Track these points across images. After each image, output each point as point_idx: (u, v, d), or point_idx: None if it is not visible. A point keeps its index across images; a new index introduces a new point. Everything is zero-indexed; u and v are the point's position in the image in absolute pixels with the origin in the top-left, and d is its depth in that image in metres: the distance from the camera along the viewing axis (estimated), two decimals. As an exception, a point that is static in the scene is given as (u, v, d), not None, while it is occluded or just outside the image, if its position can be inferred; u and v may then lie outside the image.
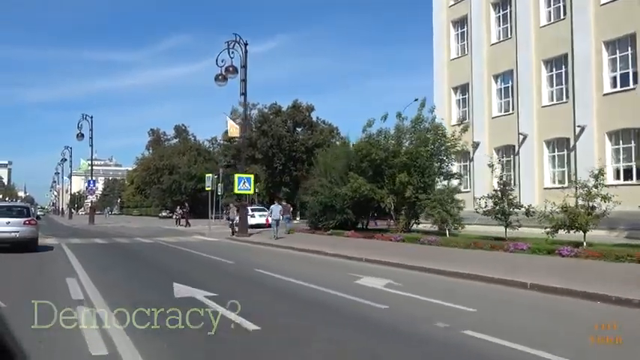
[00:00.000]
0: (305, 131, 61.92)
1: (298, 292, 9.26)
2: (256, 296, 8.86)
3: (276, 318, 7.15)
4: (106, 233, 30.13)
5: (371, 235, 21.38)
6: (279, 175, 59.91)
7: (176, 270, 12.52)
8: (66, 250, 17.41)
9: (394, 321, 6.89)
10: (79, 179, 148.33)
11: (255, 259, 15.27)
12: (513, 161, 26.64)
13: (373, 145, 22.45)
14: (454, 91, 30.60)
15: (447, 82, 30.76)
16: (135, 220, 55.69)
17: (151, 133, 76.57)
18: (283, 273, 11.52)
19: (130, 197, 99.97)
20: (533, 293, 8.91)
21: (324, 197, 25.11)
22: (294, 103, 62.25)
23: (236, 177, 24.47)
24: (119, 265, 13.77)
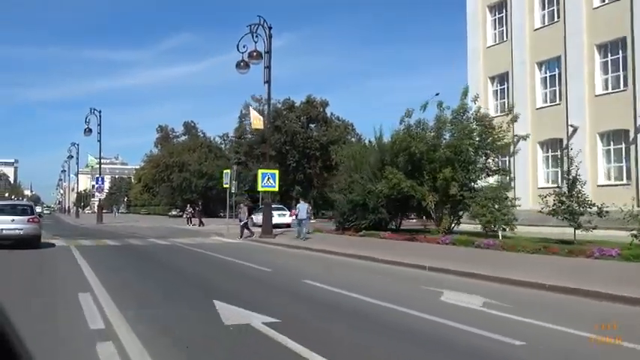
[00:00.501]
0: (319, 127, 59.82)
1: (380, 317, 7.15)
2: (329, 323, 6.78)
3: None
4: (117, 234, 28.14)
5: (411, 237, 19.25)
6: (292, 172, 57.82)
7: (210, 281, 10.45)
8: (75, 254, 15.38)
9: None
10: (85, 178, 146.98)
11: (295, 265, 13.21)
12: (561, 155, 24.42)
13: (413, 138, 20.30)
14: (491, 81, 28.41)
15: (482, 71, 28.56)
16: (144, 219, 53.73)
17: (160, 130, 74.70)
18: (341, 286, 9.44)
19: (138, 196, 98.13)
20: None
21: (355, 195, 22.96)
22: (308, 98, 60.21)
23: (259, 172, 22.38)
24: (140, 273, 11.69)
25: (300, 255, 16.20)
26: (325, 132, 58.83)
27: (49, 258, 14.68)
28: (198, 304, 7.76)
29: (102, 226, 38.81)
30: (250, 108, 24.12)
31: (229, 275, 11.48)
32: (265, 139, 56.97)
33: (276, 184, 22.55)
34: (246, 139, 60.52)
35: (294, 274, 11.47)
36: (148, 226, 37.96)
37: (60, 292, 8.78)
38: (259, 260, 13.89)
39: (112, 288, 8.94)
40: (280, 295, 8.99)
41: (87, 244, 20.13)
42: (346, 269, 12.59)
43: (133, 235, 26.10)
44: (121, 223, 42.15)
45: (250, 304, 7.49)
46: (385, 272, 11.97)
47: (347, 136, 61.68)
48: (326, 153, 58.93)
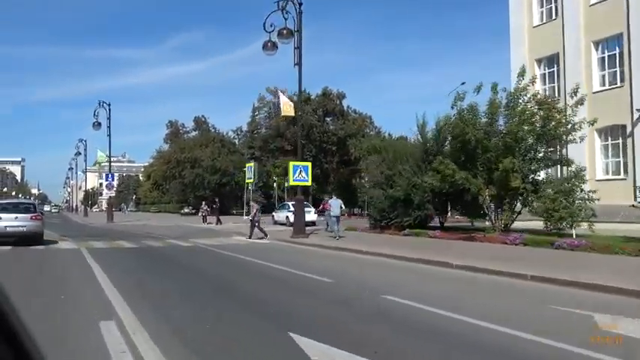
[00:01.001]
0: (335, 121, 57.47)
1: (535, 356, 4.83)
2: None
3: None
4: (131, 234, 25.95)
5: (468, 236, 16.92)
6: (309, 167, 55.73)
7: (268, 301, 8.12)
8: (88, 260, 13.12)
9: None
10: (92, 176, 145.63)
11: (356, 274, 10.89)
12: (624, 143, 21.98)
13: (467, 124, 17.91)
14: (538, 64, 25.93)
15: (528, 53, 26.09)
16: (155, 217, 51.62)
17: (169, 126, 72.59)
18: (436, 304, 7.22)
19: (147, 193, 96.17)
20: None
21: (396, 190, 20.62)
22: (324, 90, 57.85)
23: (291, 165, 20.08)
24: (169, 286, 9.40)
25: (349, 259, 13.86)
26: (342, 125, 56.46)
27: (57, 266, 12.44)
28: (274, 340, 5.46)
29: (112, 225, 36.69)
30: (280, 93, 21.35)
31: (287, 289, 9.16)
32: (281, 133, 54.95)
33: (309, 178, 20.24)
34: (260, 133, 58.30)
35: (362, 285, 9.16)
36: (161, 224, 35.77)
37: (75, 320, 6.50)
38: (309, 267, 11.61)
39: (140, 311, 6.65)
40: (367, 320, 6.66)
41: (99, 246, 17.93)
42: (421, 278, 10.26)
43: (149, 236, 23.90)
44: (132, 222, 40.02)
45: (340, 339, 5.24)
46: (473, 282, 9.63)
47: (365, 129, 59.38)
48: (343, 147, 56.63)
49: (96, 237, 23.18)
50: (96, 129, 38.77)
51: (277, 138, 54.25)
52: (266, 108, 56.68)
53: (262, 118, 57.27)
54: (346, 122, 57.41)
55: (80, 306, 7.30)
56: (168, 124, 72.65)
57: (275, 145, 54.13)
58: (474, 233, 17.40)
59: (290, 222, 31.17)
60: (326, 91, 57.87)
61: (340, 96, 58.20)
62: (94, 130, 38.70)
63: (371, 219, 23.34)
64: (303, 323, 6.10)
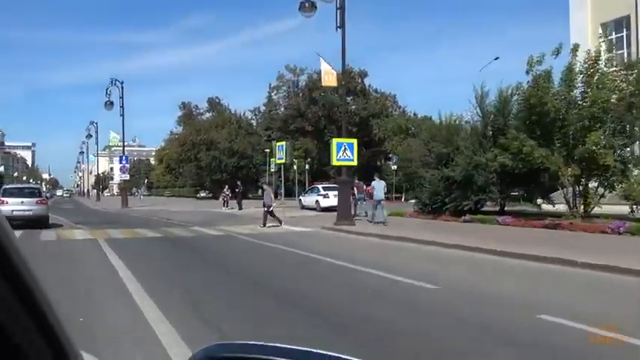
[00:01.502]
0: (357, 100, 54.56)
1: None
2: None
3: None
4: (150, 220, 23.70)
5: (548, 223, 14.37)
6: (328, 149, 52.97)
7: (359, 318, 5.67)
8: (110, 257, 10.70)
9: None
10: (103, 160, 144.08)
11: (459, 276, 8.40)
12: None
13: (546, 92, 15.24)
14: (603, 29, 23.03)
15: (591, 17, 23.23)
16: (171, 202, 49.37)
17: (182, 107, 70.03)
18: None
19: (160, 177, 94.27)
20: None
21: (450, 170, 18.08)
22: (345, 68, 54.88)
23: (334, 143, 17.56)
24: (229, 302, 6.95)
25: (423, 252, 11.35)
26: (365, 105, 53.61)
27: (72, 267, 10.08)
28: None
29: (128, 210, 34.51)
30: (322, 60, 18.42)
31: (380, 301, 6.69)
32: (302, 113, 52.31)
33: (355, 157, 17.71)
34: (278, 113, 55.63)
35: (487, 296, 6.71)
36: (179, 210, 33.53)
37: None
38: (387, 265, 9.16)
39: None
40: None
41: (118, 235, 15.60)
42: (562, 284, 7.71)
43: (171, 223, 21.59)
44: (147, 207, 37.81)
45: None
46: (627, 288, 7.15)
47: (389, 108, 56.56)
48: (366, 128, 53.86)
49: (112, 224, 20.93)
50: (108, 109, 36.41)
51: (297, 118, 51.59)
52: (285, 87, 53.94)
53: (281, 97, 54.57)
54: (368, 102, 54.56)
55: (95, 303, 4.93)
56: (181, 105, 70.11)
57: (295, 126, 51.47)
58: (550, 219, 14.86)
59: (321, 206, 28.83)
60: (347, 68, 54.86)
61: (362, 74, 55.27)
62: (106, 109, 36.37)
63: (418, 203, 20.81)
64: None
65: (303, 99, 51.88)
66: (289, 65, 53.27)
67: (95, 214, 30.95)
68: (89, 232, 16.96)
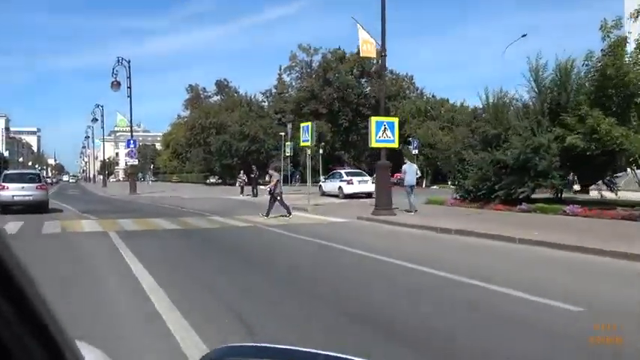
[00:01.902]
0: (372, 82, 52.25)
1: None
2: None
3: None
4: (162, 208, 21.83)
5: (627, 214, 12.35)
6: (344, 133, 50.72)
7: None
8: (127, 258, 8.71)
9: None
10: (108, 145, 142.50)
11: (586, 289, 6.41)
12: None
13: (622, 61, 13.12)
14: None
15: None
16: (180, 188, 47.51)
17: (189, 90, 67.93)
18: None
19: (166, 162, 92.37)
20: None
21: (502, 153, 16.04)
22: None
23: (373, 121, 15.47)
24: (295, 317, 5.00)
25: (508, 252, 9.34)
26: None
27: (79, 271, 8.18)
28: None
29: (136, 197, 32.62)
30: (359, 27, 16.19)
31: (496, 326, 4.72)
32: (315, 95, 50.07)
33: (396, 137, 15.66)
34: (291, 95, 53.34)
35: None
36: (192, 196, 31.64)
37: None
38: (470, 269, 7.22)
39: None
40: None
41: (131, 227, 13.69)
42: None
43: (186, 211, 19.71)
44: (157, 193, 35.92)
45: None
46: None
47: (406, 90, 54.28)
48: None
49: (122, 213, 19.06)
50: (115, 89, 34.33)
51: (311, 100, 49.40)
52: (298, 67, 51.65)
53: (294, 78, 52.35)
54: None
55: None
56: (189, 88, 67.99)
57: (308, 109, 49.27)
58: (621, 209, 12.86)
59: (344, 193, 26.88)
60: (362, 48, 52.66)
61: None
62: (113, 90, 34.29)
63: (460, 189, 18.78)
64: None
65: (317, 80, 49.63)
66: (302, 45, 50.99)
67: (102, 201, 29.10)
68: (98, 222, 15.07)
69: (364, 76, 52.68)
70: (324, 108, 48.84)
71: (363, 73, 52.19)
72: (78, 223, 14.99)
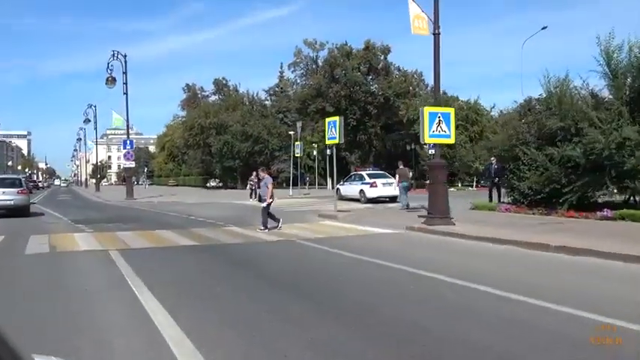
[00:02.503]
0: (380, 79, 49.78)
1: None
2: None
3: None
4: (167, 215, 19.38)
5: None
6: (352, 132, 48.05)
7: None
8: (143, 300, 6.08)
9: None
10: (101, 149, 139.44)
11: None
12: None
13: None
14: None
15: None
16: (179, 192, 44.86)
17: (187, 89, 65.24)
18: None
19: (162, 165, 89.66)
20: None
21: (571, 149, 13.58)
22: (367, 43, 50.08)
23: (426, 112, 12.87)
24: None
25: (632, 274, 6.90)
26: (389, 83, 48.83)
27: (69, 312, 5.60)
28: None
29: (133, 202, 30.03)
30: (410, 0, 13.43)
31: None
32: (322, 93, 47.53)
33: (452, 132, 13.13)
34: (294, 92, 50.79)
35: None
36: (197, 201, 29.13)
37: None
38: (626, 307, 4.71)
39: None
40: None
41: (137, 243, 11.16)
42: None
43: (196, 220, 17.17)
44: (156, 198, 33.30)
45: None
46: None
47: (415, 88, 51.83)
48: (388, 109, 49.16)
49: (121, 222, 16.58)
50: (110, 86, 31.71)
51: (317, 98, 46.87)
52: (303, 64, 49.08)
53: (298, 75, 49.75)
54: (392, 81, 49.81)
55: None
56: (185, 87, 65.31)
57: (314, 107, 46.74)
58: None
59: (366, 197, 24.40)
60: (369, 44, 50.06)
61: (385, 50, 50.40)
62: (107, 86, 31.68)
63: (514, 193, 16.30)
64: None
65: (324, 76, 47.10)
66: (308, 39, 48.42)
67: (97, 208, 26.44)
68: (94, 236, 12.49)
69: (371, 73, 50.22)
70: (331, 106, 46.29)
71: (370, 70, 49.72)
72: (70, 237, 12.41)
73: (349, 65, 46.89)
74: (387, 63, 50.57)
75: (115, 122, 32.98)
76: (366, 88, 48.30)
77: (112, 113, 33.06)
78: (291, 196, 32.45)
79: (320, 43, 48.38)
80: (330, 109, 46.23)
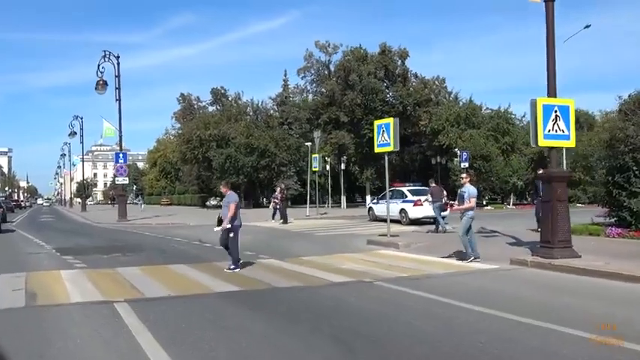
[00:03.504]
0: (397, 86, 46.97)
1: None
2: None
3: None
4: (178, 245, 16.37)
5: None
6: (367, 144, 45.15)
7: None
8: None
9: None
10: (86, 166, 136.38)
11: None
12: None
13: None
14: None
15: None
16: (176, 212, 41.66)
17: (182, 100, 62.28)
18: None
19: (153, 183, 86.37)
20: None
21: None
22: (383, 47, 47.41)
23: (539, 104, 9.88)
24: None
25: None
26: (408, 91, 46.05)
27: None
28: None
29: (127, 224, 26.96)
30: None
31: None
32: (335, 100, 44.75)
33: (572, 134, 10.17)
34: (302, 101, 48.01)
35: None
36: (199, 223, 26.12)
37: None
38: None
39: None
40: None
41: (152, 289, 8.27)
42: None
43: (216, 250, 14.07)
44: (152, 219, 30.20)
45: None
46: None
47: (438, 95, 49.14)
48: (406, 120, 46.32)
49: (121, 251, 13.66)
50: (100, 91, 28.73)
51: (330, 107, 44.10)
52: (314, 69, 46.32)
53: (308, 81, 47.02)
54: (412, 88, 47.09)
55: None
56: (180, 98, 62.18)
57: (327, 116, 43.94)
58: None
59: (409, 218, 21.41)
60: (385, 47, 47.41)
61: (403, 54, 47.69)
62: (98, 92, 28.68)
63: (622, 211, 13.35)
64: None
65: (338, 82, 44.32)
66: (319, 41, 45.67)
67: (86, 232, 23.32)
68: (88, 275, 9.46)
69: (387, 80, 47.46)
70: (346, 115, 43.47)
71: (387, 76, 46.98)
72: (55, 277, 9.37)
73: (364, 70, 44.17)
74: (406, 69, 47.92)
75: (105, 132, 30.01)
76: (383, 96, 45.56)
77: (102, 122, 30.15)
78: (308, 216, 29.43)
79: (333, 45, 45.73)
80: (344, 118, 43.43)
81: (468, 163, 34.64)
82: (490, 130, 40.81)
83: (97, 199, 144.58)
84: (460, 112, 42.51)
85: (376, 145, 15.52)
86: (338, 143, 43.32)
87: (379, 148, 15.36)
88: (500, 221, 20.94)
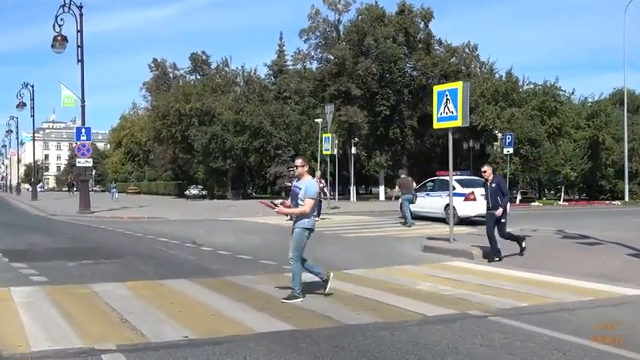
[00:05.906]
0: (418, 53, 44.82)
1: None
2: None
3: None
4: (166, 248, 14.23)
5: None
6: (382, 124, 43.07)
7: None
8: None
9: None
10: (36, 145, 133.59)
11: None
12: None
13: None
14: None
15: None
16: (150, 202, 39.36)
17: (154, 67, 59.91)
18: None
19: (117, 167, 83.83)
20: None
21: None
22: (402, 6, 45.19)
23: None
24: None
25: None
26: (434, 60, 43.94)
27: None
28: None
29: (93, 218, 24.91)
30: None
31: None
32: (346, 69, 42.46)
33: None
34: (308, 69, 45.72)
35: None
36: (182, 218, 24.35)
37: None
38: None
39: None
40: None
41: (150, 324, 6.21)
42: None
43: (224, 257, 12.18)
44: (123, 212, 28.03)
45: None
46: None
47: (471, 65, 47.16)
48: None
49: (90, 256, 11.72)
50: (59, 48, 26.38)
51: (340, 77, 41.89)
52: (320, 30, 43.94)
53: (312, 46, 44.64)
54: (438, 57, 44.98)
55: None
56: (152, 65, 59.78)
57: (336, 89, 41.74)
58: None
59: (457, 216, 19.30)
60: (404, 6, 45.17)
61: (427, 16, 45.39)
62: (56, 50, 26.34)
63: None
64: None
65: (350, 48, 42.13)
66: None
67: (42, 227, 21.17)
68: (54, 298, 7.38)
69: (406, 46, 45.29)
70: (358, 88, 41.28)
71: (407, 42, 44.82)
72: (4, 305, 7.29)
73: (381, 33, 41.95)
74: (429, 33, 45.79)
75: (64, 102, 27.70)
76: (402, 65, 43.47)
77: (60, 89, 27.77)
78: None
79: (345, 1, 43.34)
80: (356, 91, 41.24)
81: (513, 149, 32.72)
82: (535, 108, 38.88)
83: (49, 185, 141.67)
84: (498, 87, 40.53)
85: (435, 119, 13.45)
86: (348, 122, 41.14)
87: (440, 122, 13.29)
88: (572, 221, 20.22)
